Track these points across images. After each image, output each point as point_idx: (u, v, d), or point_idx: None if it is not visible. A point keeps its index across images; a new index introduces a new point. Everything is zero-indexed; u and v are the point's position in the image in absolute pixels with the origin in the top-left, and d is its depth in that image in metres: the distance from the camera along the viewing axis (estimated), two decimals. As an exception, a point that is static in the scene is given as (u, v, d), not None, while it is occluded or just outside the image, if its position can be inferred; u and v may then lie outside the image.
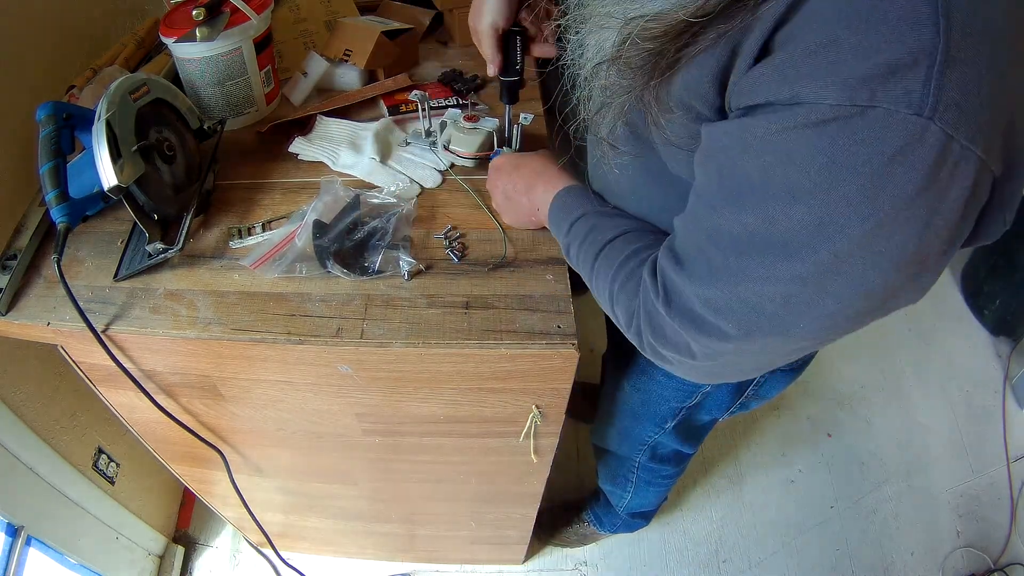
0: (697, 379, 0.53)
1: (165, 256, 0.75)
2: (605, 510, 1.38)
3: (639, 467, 1.12)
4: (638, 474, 1.15)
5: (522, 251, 0.78)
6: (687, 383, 0.84)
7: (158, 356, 0.76)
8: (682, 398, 0.87)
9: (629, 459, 1.11)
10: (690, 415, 0.91)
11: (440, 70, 1.08)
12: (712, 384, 0.82)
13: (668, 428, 0.94)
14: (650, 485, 1.18)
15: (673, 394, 0.87)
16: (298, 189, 0.87)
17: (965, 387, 1.84)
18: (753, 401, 0.88)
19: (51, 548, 1.09)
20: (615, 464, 1.18)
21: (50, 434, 1.05)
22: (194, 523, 1.55)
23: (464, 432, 0.87)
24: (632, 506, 1.28)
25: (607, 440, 1.12)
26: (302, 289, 0.74)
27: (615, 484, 1.23)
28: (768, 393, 0.87)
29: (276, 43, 0.99)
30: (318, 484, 1.11)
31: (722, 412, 0.90)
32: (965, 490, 1.64)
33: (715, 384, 0.83)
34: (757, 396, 0.87)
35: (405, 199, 0.82)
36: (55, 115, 0.72)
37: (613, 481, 1.23)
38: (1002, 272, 1.87)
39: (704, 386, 0.84)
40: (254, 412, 0.87)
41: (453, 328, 0.70)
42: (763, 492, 1.64)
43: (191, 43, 0.84)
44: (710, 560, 1.53)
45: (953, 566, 1.52)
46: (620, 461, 1.15)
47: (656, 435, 0.98)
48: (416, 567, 1.50)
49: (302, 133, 0.94)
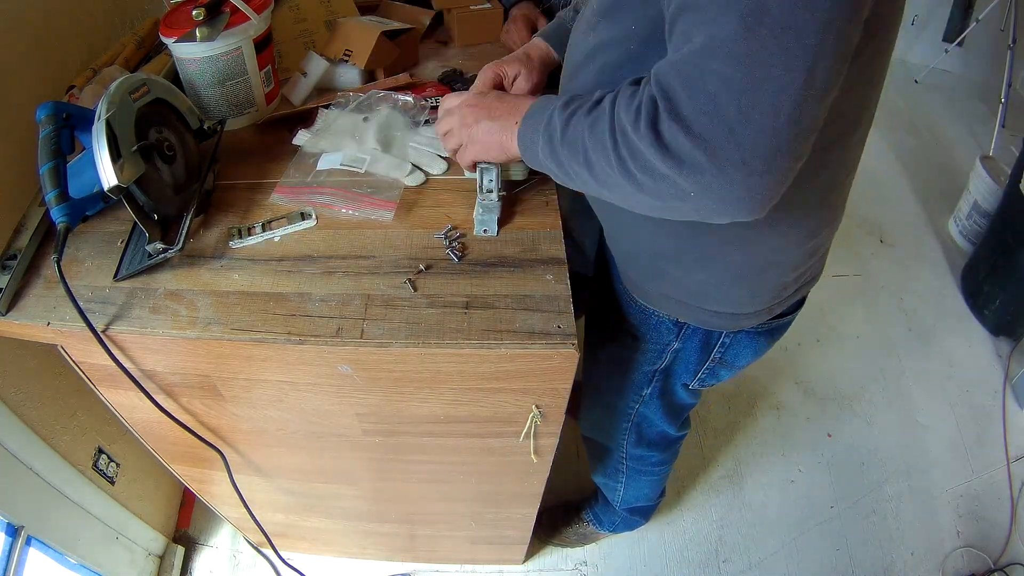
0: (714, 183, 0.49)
1: (165, 256, 0.75)
2: (604, 508, 1.39)
3: (627, 455, 1.14)
4: (627, 463, 1.17)
5: (522, 251, 0.78)
6: (654, 344, 0.88)
7: (158, 356, 0.76)
8: (652, 360, 0.91)
9: (617, 447, 1.13)
10: (665, 381, 0.94)
11: (440, 70, 1.08)
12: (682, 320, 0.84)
13: (646, 396, 0.97)
14: (641, 475, 1.20)
15: (644, 357, 0.91)
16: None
17: (965, 387, 1.84)
18: (722, 368, 0.89)
19: (51, 548, 1.09)
20: (604, 455, 1.19)
21: (50, 434, 1.05)
22: (194, 523, 1.55)
23: (464, 432, 0.87)
24: (628, 499, 1.29)
25: (593, 425, 1.15)
26: (302, 289, 0.74)
27: (607, 475, 1.25)
28: (737, 359, 0.88)
29: (276, 43, 0.99)
30: (318, 484, 1.11)
31: (691, 376, 0.91)
32: (965, 490, 1.64)
33: (682, 340, 0.86)
34: (725, 361, 0.88)
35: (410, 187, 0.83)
36: (55, 115, 0.72)
37: (604, 473, 1.25)
38: (1002, 272, 1.87)
39: (672, 342, 0.87)
40: (254, 412, 0.87)
41: (453, 328, 0.70)
42: (763, 492, 1.64)
43: (191, 43, 0.84)
44: (710, 560, 1.53)
45: (953, 566, 1.52)
46: (608, 451, 1.17)
47: (636, 405, 1.00)
48: (416, 567, 1.50)
49: (305, 126, 0.94)
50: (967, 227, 2.16)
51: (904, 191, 2.43)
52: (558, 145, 0.60)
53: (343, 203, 0.83)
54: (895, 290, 2.09)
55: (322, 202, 0.84)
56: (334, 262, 0.77)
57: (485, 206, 0.79)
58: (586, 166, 0.58)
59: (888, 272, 2.14)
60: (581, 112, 0.58)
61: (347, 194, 0.84)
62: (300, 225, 0.81)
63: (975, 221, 2.12)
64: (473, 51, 1.15)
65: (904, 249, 2.22)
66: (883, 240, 2.24)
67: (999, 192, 1.96)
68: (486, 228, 0.80)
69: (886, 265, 2.16)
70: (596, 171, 0.57)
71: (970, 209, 2.13)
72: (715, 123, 0.46)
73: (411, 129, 0.93)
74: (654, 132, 0.49)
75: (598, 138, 0.55)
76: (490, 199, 0.79)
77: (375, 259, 0.77)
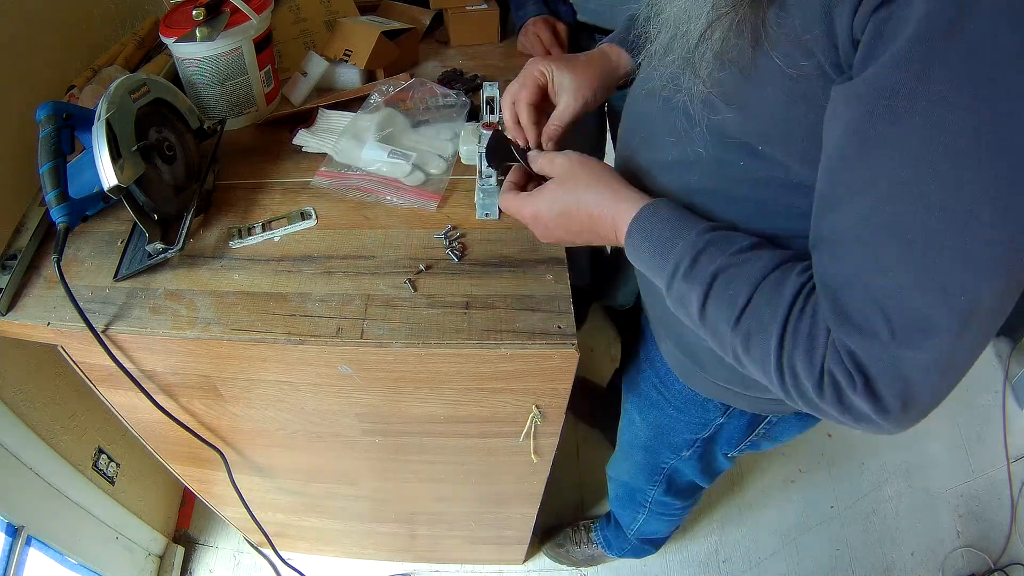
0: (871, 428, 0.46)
1: (165, 256, 0.75)
2: (615, 533, 1.35)
3: (652, 501, 1.10)
4: (651, 507, 1.13)
5: (522, 251, 0.78)
6: (698, 419, 0.82)
7: (158, 356, 0.76)
8: (696, 430, 0.85)
9: (643, 491, 1.09)
10: (706, 448, 0.89)
11: (440, 70, 1.08)
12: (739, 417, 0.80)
13: (685, 457, 0.93)
14: (662, 516, 1.17)
15: (686, 427, 0.85)
16: (298, 189, 0.87)
17: (965, 387, 1.82)
18: (765, 441, 0.86)
19: (51, 548, 1.09)
20: (628, 494, 1.16)
21: (50, 434, 1.05)
22: (194, 523, 1.55)
23: (464, 432, 0.87)
24: (644, 532, 1.26)
25: (624, 473, 1.11)
26: (302, 289, 0.74)
27: (625, 509, 1.22)
28: (781, 436, 0.85)
29: (276, 43, 0.99)
30: (318, 484, 1.11)
31: (733, 447, 0.88)
32: (965, 490, 1.64)
33: (727, 417, 0.80)
34: (769, 436, 0.84)
35: (410, 185, 0.83)
36: (55, 115, 0.72)
37: (624, 507, 1.22)
38: (1002, 272, 1.87)
39: (717, 418, 0.81)
40: (254, 412, 0.87)
41: (453, 328, 0.70)
42: (763, 492, 1.64)
43: (191, 43, 0.84)
44: (710, 560, 1.53)
45: (953, 566, 1.52)
46: (633, 492, 1.13)
47: (672, 462, 0.96)
48: (416, 567, 1.50)
49: (305, 126, 0.95)
50: (967, 227, 2.16)
51: (904, 191, 2.43)
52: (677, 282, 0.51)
53: (388, 191, 0.84)
54: (895, 290, 2.08)
55: (366, 188, 0.85)
56: (334, 262, 0.77)
57: (485, 190, 0.79)
58: (716, 341, 0.51)
59: (888, 272, 2.14)
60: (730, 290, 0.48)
61: (391, 183, 0.85)
62: (300, 225, 0.81)
63: (975, 221, 2.11)
64: (472, 51, 1.15)
65: (904, 249, 2.22)
66: (883, 240, 2.24)
67: (999, 192, 1.96)
68: (487, 212, 0.81)
69: (886, 265, 2.16)
70: (726, 349, 0.51)
71: (970, 209, 2.12)
72: (907, 407, 0.44)
73: (411, 129, 0.93)
74: (839, 403, 0.45)
75: (755, 353, 0.48)
76: (489, 183, 0.79)
77: (375, 259, 0.77)
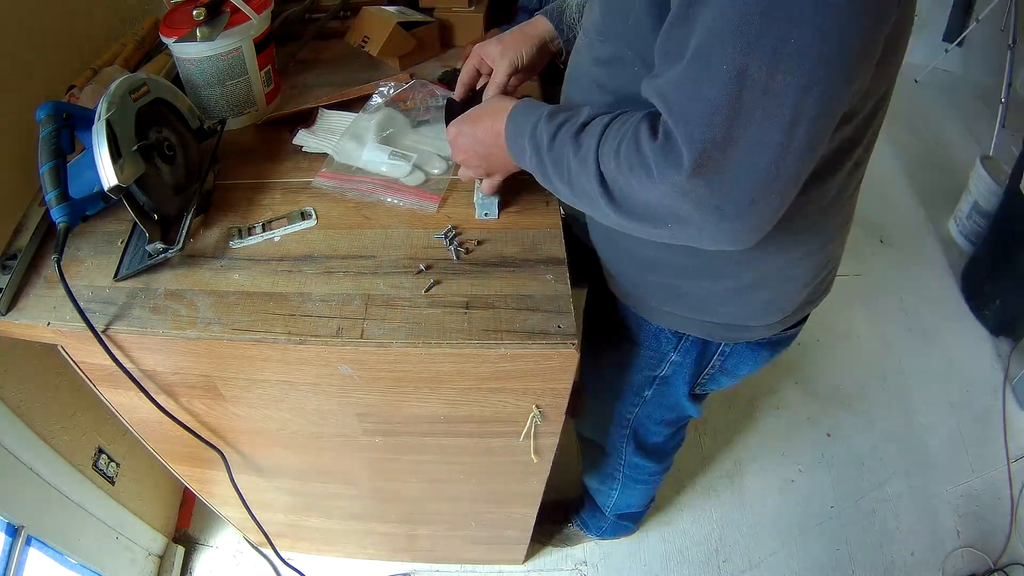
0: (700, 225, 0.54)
1: (165, 256, 0.75)
2: (592, 513, 1.39)
3: (625, 463, 1.14)
4: (624, 471, 1.17)
5: (522, 251, 0.78)
6: (653, 351, 0.88)
7: (158, 356, 0.76)
8: (652, 366, 0.91)
9: (616, 451, 1.13)
10: (665, 386, 0.94)
11: (440, 70, 1.08)
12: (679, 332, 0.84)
13: (647, 397, 0.97)
14: (636, 483, 1.20)
15: (643, 362, 0.91)
16: (298, 189, 0.87)
17: (965, 387, 1.84)
18: (723, 376, 0.89)
19: (51, 548, 1.09)
20: (601, 459, 1.19)
21: (50, 434, 1.05)
22: (194, 523, 1.55)
23: (464, 432, 0.87)
24: (619, 506, 1.29)
25: (592, 425, 1.14)
26: (302, 289, 0.74)
27: (601, 480, 1.25)
28: (737, 369, 0.88)
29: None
30: (318, 484, 1.11)
31: (692, 382, 0.91)
32: (965, 490, 1.64)
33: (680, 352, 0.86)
34: (725, 369, 0.88)
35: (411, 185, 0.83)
36: (55, 115, 0.72)
37: (599, 477, 1.25)
38: (1002, 272, 1.87)
39: (670, 352, 0.86)
40: (254, 412, 0.87)
41: (453, 328, 0.70)
42: (763, 492, 1.64)
43: (191, 43, 0.84)
44: (710, 560, 1.53)
45: (953, 566, 1.52)
46: (606, 456, 1.17)
47: (636, 408, 1.00)
48: (416, 567, 1.50)
49: (305, 126, 0.94)
50: (967, 227, 2.16)
51: (904, 191, 2.43)
52: (545, 155, 0.63)
53: (388, 192, 0.84)
54: (895, 290, 2.08)
55: (365, 190, 0.85)
56: (334, 262, 0.77)
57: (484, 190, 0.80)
58: (569, 186, 0.62)
59: (888, 272, 2.14)
60: (567, 132, 0.61)
61: (391, 184, 0.85)
62: (300, 225, 0.81)
63: (975, 221, 2.12)
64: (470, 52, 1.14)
65: (904, 249, 2.22)
66: (883, 240, 2.24)
67: (999, 192, 1.96)
68: (487, 212, 0.81)
69: (886, 265, 2.16)
70: (578, 193, 0.62)
71: (970, 209, 2.12)
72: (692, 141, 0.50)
73: (411, 129, 0.93)
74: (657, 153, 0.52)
75: (582, 164, 0.59)
76: None
77: (375, 259, 0.77)
